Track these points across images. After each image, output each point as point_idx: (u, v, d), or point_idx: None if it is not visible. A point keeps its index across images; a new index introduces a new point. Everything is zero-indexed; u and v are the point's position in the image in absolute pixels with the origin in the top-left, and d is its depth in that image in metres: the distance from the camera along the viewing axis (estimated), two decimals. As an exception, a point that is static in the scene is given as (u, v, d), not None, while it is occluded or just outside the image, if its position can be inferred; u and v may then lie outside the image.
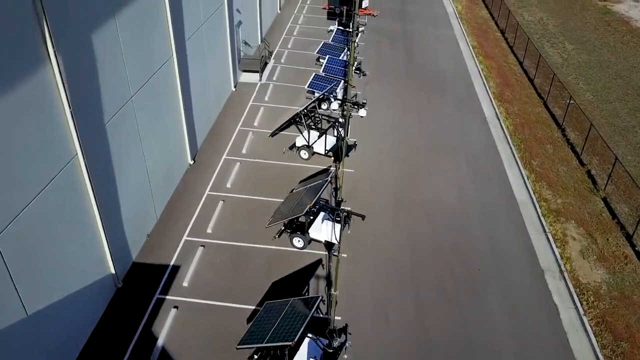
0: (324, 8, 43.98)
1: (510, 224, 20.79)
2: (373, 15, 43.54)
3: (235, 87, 29.68)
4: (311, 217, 18.78)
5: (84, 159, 13.81)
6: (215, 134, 25.26)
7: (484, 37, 40.81)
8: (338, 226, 17.93)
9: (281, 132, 23.65)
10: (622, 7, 47.91)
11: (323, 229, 17.99)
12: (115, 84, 15.61)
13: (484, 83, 32.87)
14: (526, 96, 31.89)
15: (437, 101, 30.13)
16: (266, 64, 32.32)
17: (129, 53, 16.32)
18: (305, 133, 23.63)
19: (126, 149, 16.64)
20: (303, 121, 23.20)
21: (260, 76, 30.82)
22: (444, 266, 18.45)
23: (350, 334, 14.94)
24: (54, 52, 12.27)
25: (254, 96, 29.22)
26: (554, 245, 19.71)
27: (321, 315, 15.97)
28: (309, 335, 13.91)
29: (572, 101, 29.41)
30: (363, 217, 13.27)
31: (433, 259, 18.73)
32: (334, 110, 17.00)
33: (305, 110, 22.52)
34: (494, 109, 29.77)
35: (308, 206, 17.20)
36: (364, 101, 16.46)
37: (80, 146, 13.65)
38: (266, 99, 28.93)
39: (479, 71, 34.44)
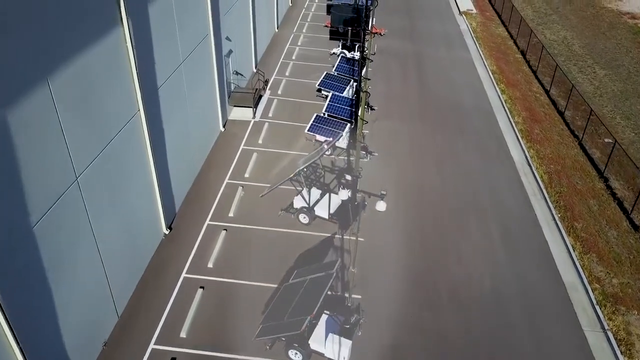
0: (326, 26, 39.98)
1: (559, 318, 16.76)
2: (380, 34, 39.58)
3: (224, 126, 25.70)
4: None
5: (-8, 289, 9.84)
6: (197, 190, 21.26)
7: (503, 59, 36.82)
8: (347, 342, 13.96)
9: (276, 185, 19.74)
10: (652, 24, 43.92)
11: (328, 345, 14.00)
12: (48, 168, 11.63)
13: (508, 118, 28.87)
14: (558, 134, 27.88)
15: (458, 142, 26.13)
16: (260, 97, 28.36)
17: (72, 122, 12.35)
18: (305, 192, 19.71)
19: (69, 248, 12.65)
20: (302, 178, 19.27)
21: (254, 112, 26.86)
22: (483, 386, 14.44)
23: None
24: None
25: (245, 138, 25.24)
26: (617, 350, 15.69)
27: None
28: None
29: (610, 140, 25.51)
30: None
31: (467, 374, 14.73)
32: (344, 189, 13.09)
33: (305, 169, 18.57)
34: (524, 151, 25.76)
35: (308, 318, 13.20)
36: (383, 192, 12.49)
37: (-14, 273, 9.69)
38: (260, 141, 24.94)
39: (502, 103, 30.44)
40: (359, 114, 18.72)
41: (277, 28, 39.34)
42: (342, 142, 23.79)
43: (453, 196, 22.18)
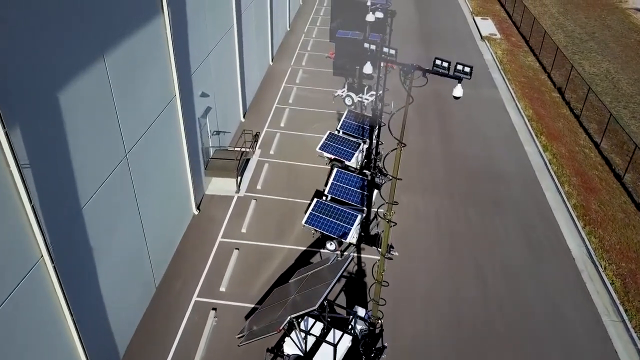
0: (329, 57, 34.40)
1: None
2: (392, 67, 33.89)
3: (198, 207, 20.08)
4: None
5: None
6: (153, 318, 15.61)
7: (539, 100, 31.09)
8: None
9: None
10: None
11: None
12: None
13: (556, 186, 23.14)
14: (621, 209, 22.16)
15: (497, 226, 20.46)
16: (248, 161, 22.76)
17: None
18: (299, 334, 14.12)
19: None
20: (295, 324, 13.65)
21: (238, 184, 21.24)
22: None
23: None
24: None
25: (225, 224, 19.60)
26: None
27: None
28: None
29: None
30: None
31: None
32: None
33: (299, 319, 12.97)
34: (583, 240, 20.04)
35: None
36: None
37: None
38: (244, 230, 19.30)
39: (546, 164, 24.71)
40: (378, 271, 13.23)
41: (272, 60, 33.72)
42: (351, 236, 18.15)
43: (498, 315, 16.53)
